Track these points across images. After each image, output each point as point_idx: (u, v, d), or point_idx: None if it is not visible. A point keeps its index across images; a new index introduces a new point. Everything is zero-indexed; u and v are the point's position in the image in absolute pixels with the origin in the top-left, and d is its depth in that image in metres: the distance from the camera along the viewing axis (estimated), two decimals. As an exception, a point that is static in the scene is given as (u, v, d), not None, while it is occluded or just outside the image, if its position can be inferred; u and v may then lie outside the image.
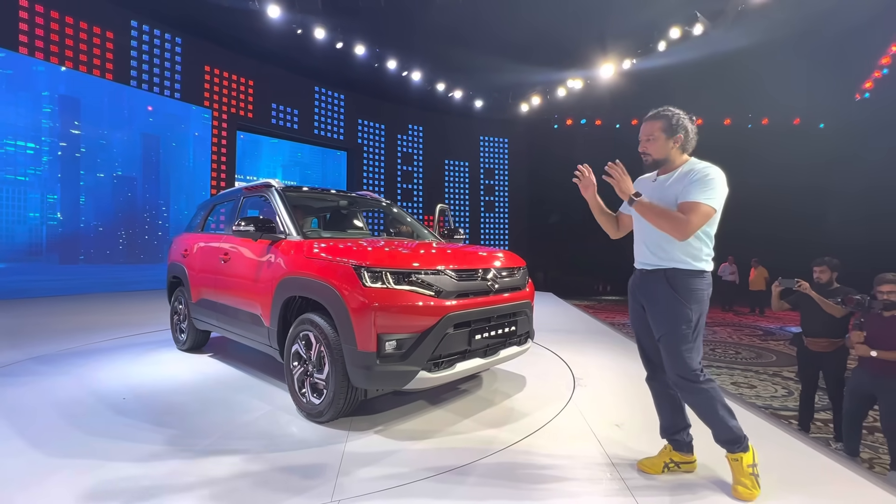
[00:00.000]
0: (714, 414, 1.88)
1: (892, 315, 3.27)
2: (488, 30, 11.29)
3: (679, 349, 1.88)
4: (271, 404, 2.92)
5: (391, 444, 2.35)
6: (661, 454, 2.12)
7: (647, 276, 2.00)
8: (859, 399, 3.46)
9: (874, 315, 3.37)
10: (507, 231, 17.20)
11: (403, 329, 2.39)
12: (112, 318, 6.21)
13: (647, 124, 2.04)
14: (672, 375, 1.93)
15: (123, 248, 9.31)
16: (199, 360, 4.04)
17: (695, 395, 1.89)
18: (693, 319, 1.88)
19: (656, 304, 1.95)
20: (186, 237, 4.44)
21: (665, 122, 1.99)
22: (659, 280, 1.94)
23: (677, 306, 1.88)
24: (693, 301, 1.88)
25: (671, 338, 1.89)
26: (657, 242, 1.96)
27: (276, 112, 12.20)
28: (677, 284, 1.90)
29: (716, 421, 1.89)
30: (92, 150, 8.93)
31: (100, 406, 2.83)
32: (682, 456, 2.09)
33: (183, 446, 2.28)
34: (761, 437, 2.41)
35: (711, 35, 9.76)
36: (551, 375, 3.70)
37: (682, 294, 1.88)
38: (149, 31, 9.75)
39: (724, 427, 1.88)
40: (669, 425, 2.11)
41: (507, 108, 15.40)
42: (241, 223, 3.09)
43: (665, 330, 1.91)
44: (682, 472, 2.07)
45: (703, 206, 1.82)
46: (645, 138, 2.03)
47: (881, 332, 3.28)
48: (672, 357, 1.90)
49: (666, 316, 1.91)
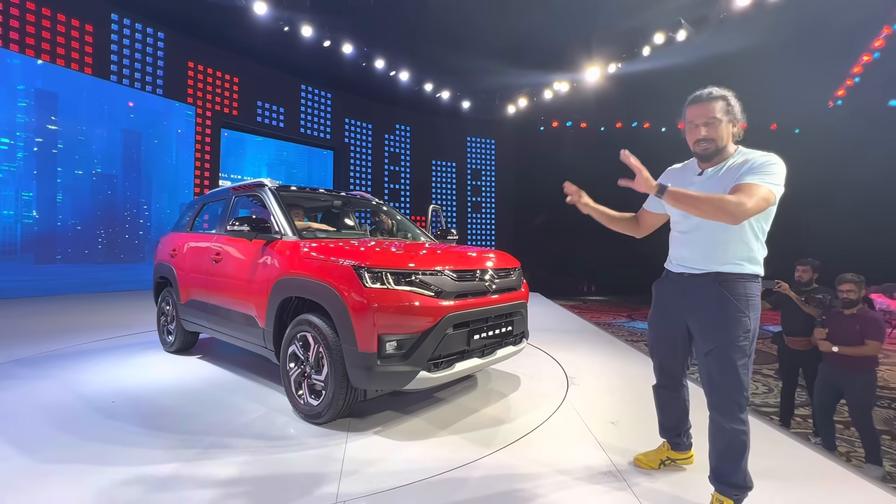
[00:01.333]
0: (741, 454, 1.68)
1: (852, 313, 3.46)
2: (476, 31, 11.34)
3: (735, 364, 1.65)
4: (266, 406, 2.89)
5: (392, 445, 2.35)
6: (658, 451, 2.14)
7: (694, 280, 1.77)
8: (827, 394, 3.64)
9: (836, 313, 3.58)
10: (494, 232, 17.30)
11: (404, 329, 2.39)
12: (94, 319, 6.04)
13: (704, 106, 1.74)
14: (717, 398, 1.69)
15: (103, 248, 9.05)
16: (188, 361, 3.96)
17: (736, 424, 1.66)
18: (752, 329, 1.67)
19: (709, 313, 1.71)
20: (174, 237, 4.35)
21: (724, 103, 1.73)
22: (710, 285, 1.71)
23: (736, 314, 1.65)
24: (751, 309, 1.67)
25: (726, 351, 1.65)
26: (715, 241, 1.71)
27: (261, 110, 12.02)
28: (734, 290, 1.68)
29: (737, 462, 1.69)
30: (70, 146, 8.66)
31: (88, 410, 2.76)
32: (679, 454, 2.11)
33: (180, 449, 2.24)
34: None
35: (695, 41, 10.00)
36: (545, 375, 3.75)
37: (740, 301, 1.66)
38: (130, 25, 9.49)
39: (742, 473, 1.69)
40: (672, 427, 2.08)
41: (495, 110, 15.50)
42: (236, 223, 3.05)
43: (719, 341, 1.67)
44: (682, 468, 2.11)
45: (762, 188, 1.56)
46: (702, 121, 1.73)
47: (842, 329, 3.48)
48: (725, 375, 1.66)
49: (721, 325, 1.67)
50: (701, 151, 1.78)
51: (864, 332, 3.37)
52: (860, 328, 3.39)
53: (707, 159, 1.79)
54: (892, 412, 4.97)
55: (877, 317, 3.42)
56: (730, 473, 1.70)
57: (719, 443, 1.72)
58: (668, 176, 1.98)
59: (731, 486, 1.70)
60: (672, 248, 1.92)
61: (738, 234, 1.70)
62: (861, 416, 3.42)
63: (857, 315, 3.46)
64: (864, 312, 3.46)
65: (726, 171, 1.72)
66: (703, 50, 10.68)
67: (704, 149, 1.76)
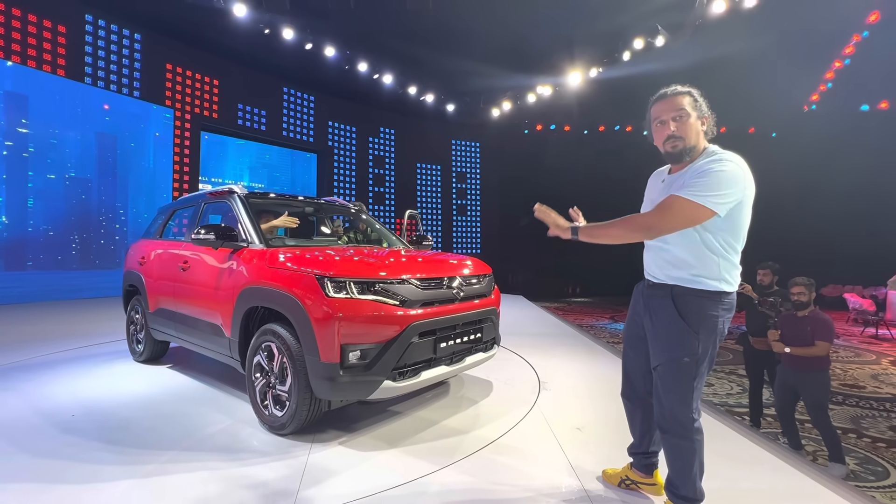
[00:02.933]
0: (689, 468, 1.65)
1: (805, 315, 3.59)
2: (459, 35, 11.38)
3: (677, 384, 1.60)
4: (232, 417, 2.85)
5: (355, 455, 2.33)
6: (623, 468, 2.06)
7: (654, 289, 1.71)
8: (786, 394, 3.75)
9: (790, 315, 3.72)
10: (479, 234, 17.35)
11: (367, 339, 2.38)
12: (63, 327, 5.89)
13: (670, 101, 1.64)
14: (661, 413, 1.67)
15: (77, 254, 8.84)
16: (157, 371, 3.89)
17: (680, 440, 1.64)
18: (698, 351, 1.57)
19: (657, 326, 1.66)
20: (144, 244, 4.27)
21: (691, 98, 1.65)
22: (664, 297, 1.64)
23: (682, 332, 1.58)
24: (703, 328, 1.57)
25: (669, 369, 1.61)
26: (670, 252, 1.64)
27: (242, 113, 11.89)
28: (684, 306, 1.59)
29: (686, 476, 1.66)
30: (42, 149, 8.45)
31: (46, 424, 2.68)
32: (639, 476, 1.98)
33: (135, 465, 2.19)
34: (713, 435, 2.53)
35: (672, 47, 10.18)
36: (518, 380, 3.76)
37: (690, 318, 1.57)
38: (105, 27, 9.31)
39: (691, 486, 1.67)
40: (635, 443, 2.00)
41: (479, 113, 15.56)
42: (202, 231, 3.00)
43: (663, 358, 1.63)
44: (639, 493, 1.98)
45: (682, 203, 1.50)
46: (670, 117, 1.62)
47: (795, 331, 3.61)
48: (669, 393, 1.62)
49: (667, 342, 1.62)
50: (671, 149, 1.65)
51: (814, 333, 3.48)
52: (811, 329, 3.50)
53: (678, 159, 1.66)
54: (859, 410, 5.10)
55: (827, 319, 3.55)
56: (678, 486, 1.69)
57: (668, 456, 1.72)
58: (648, 183, 1.91)
59: (680, 499, 1.69)
60: (644, 254, 1.83)
61: (694, 247, 1.58)
62: (818, 415, 3.52)
63: (808, 317, 3.58)
64: (815, 314, 3.58)
65: (691, 174, 1.58)
66: (682, 56, 10.88)
67: (674, 146, 1.63)
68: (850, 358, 7.49)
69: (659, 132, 1.68)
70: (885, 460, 3.86)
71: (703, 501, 1.69)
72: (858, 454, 4.00)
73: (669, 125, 1.63)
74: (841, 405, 5.25)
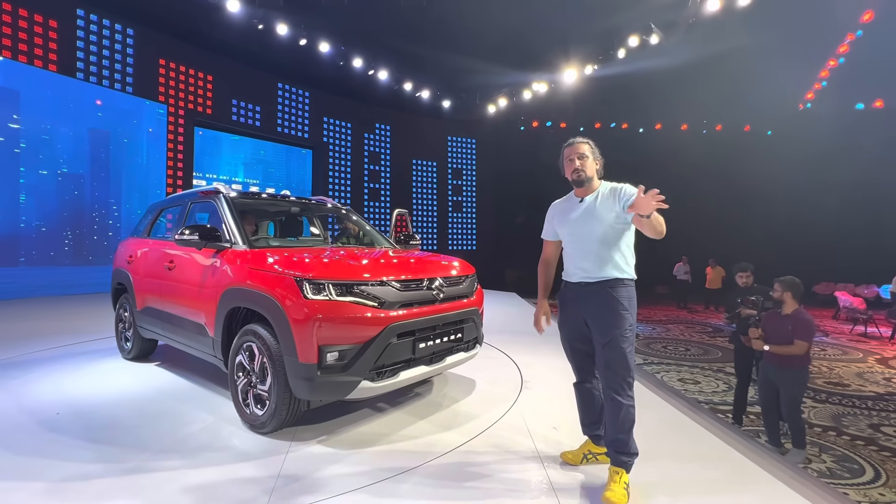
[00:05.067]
0: (631, 427, 2.05)
1: (786, 314, 3.69)
2: (454, 30, 11.36)
3: (625, 351, 2.05)
4: (216, 415, 2.89)
5: (332, 454, 2.38)
6: (581, 447, 2.36)
7: (589, 288, 2.15)
8: (767, 391, 3.85)
9: (774, 313, 3.82)
10: (475, 231, 17.39)
11: (345, 340, 2.42)
12: (54, 324, 5.93)
13: (576, 146, 2.23)
14: (612, 380, 2.06)
15: (70, 250, 8.84)
16: (145, 369, 3.93)
17: (625, 400, 2.03)
18: (633, 322, 2.12)
19: (603, 313, 2.09)
20: (131, 242, 4.29)
21: (589, 145, 2.24)
22: (602, 290, 2.10)
23: (623, 312, 2.07)
24: (632, 307, 2.12)
25: (619, 341, 2.05)
26: (602, 255, 2.11)
27: (237, 108, 11.87)
28: (621, 293, 2.09)
29: (629, 434, 2.05)
30: (33, 145, 8.43)
31: (30, 423, 2.72)
32: (598, 448, 2.31)
33: (115, 463, 2.24)
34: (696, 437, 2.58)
35: (666, 45, 10.18)
36: (501, 378, 3.81)
37: (625, 301, 2.09)
38: (97, 21, 9.27)
39: (629, 442, 2.05)
40: (592, 423, 2.31)
41: (475, 109, 15.55)
42: (186, 231, 3.03)
43: (613, 335, 2.06)
44: (601, 463, 2.27)
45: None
46: (577, 157, 2.21)
47: (776, 329, 3.70)
48: (619, 360, 2.05)
49: (614, 322, 2.06)
50: (576, 178, 2.21)
51: (794, 332, 3.56)
52: (792, 328, 3.59)
53: (580, 184, 2.22)
54: (841, 408, 5.16)
55: (808, 318, 3.62)
56: (624, 443, 2.04)
57: (616, 418, 2.04)
58: (555, 209, 2.38)
59: (626, 455, 2.04)
60: (569, 264, 2.26)
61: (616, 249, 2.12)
62: (790, 408, 3.67)
63: (790, 316, 3.66)
64: (797, 314, 3.65)
65: (604, 198, 2.15)
66: (677, 53, 10.89)
67: (578, 175, 2.19)
68: (837, 356, 7.57)
69: (568, 167, 2.24)
70: (862, 458, 3.93)
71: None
72: (836, 452, 4.06)
73: (575, 161, 2.20)
74: (823, 403, 5.31)
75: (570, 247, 2.25)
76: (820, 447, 4.13)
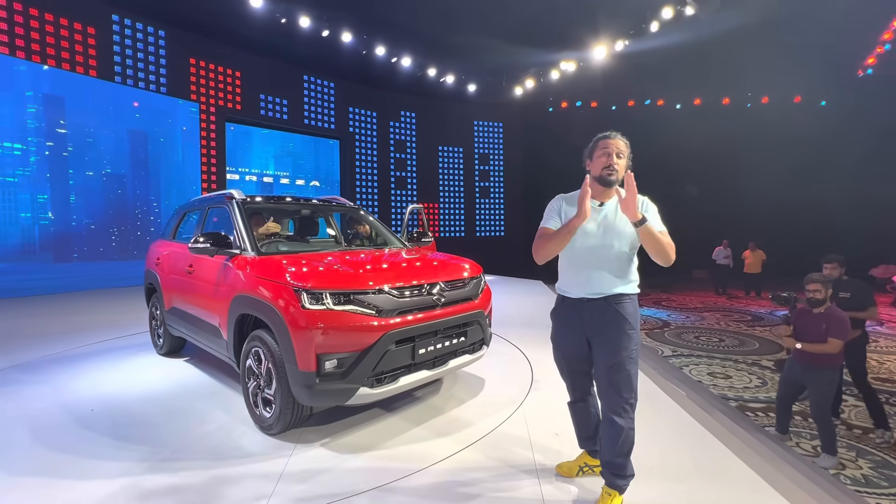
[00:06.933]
0: (628, 449, 1.95)
1: (819, 311, 3.56)
2: (478, 12, 11.04)
3: (630, 374, 1.93)
4: (231, 414, 3.04)
5: (334, 458, 2.46)
6: (578, 458, 2.33)
7: (593, 304, 1.97)
8: (790, 386, 3.80)
9: (803, 311, 3.70)
10: (503, 216, 17.17)
11: (343, 348, 2.47)
12: (101, 317, 6.39)
13: (615, 140, 1.97)
14: (614, 401, 1.93)
15: (116, 245, 9.49)
16: (175, 364, 4.18)
17: (625, 423, 1.91)
18: (639, 340, 2.00)
19: (609, 333, 1.94)
20: (159, 245, 4.54)
21: (627, 144, 1.99)
22: (608, 307, 1.95)
23: (630, 332, 1.93)
24: (637, 323, 1.99)
25: (625, 363, 1.92)
26: (613, 271, 1.95)
27: (265, 103, 12.14)
28: (628, 310, 1.95)
29: (624, 456, 1.95)
30: (79, 148, 9.04)
31: (67, 419, 2.97)
32: (595, 461, 2.27)
33: (135, 462, 2.41)
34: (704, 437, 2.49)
35: (703, 16, 9.48)
36: (511, 377, 3.79)
37: (632, 319, 1.95)
38: (131, 25, 9.66)
39: (626, 465, 1.96)
40: (589, 437, 2.26)
41: (501, 92, 15.17)
42: (199, 239, 3.16)
43: (620, 357, 1.91)
44: (597, 476, 2.21)
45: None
46: (615, 153, 1.95)
47: (806, 327, 3.61)
48: (624, 383, 1.91)
49: (622, 343, 1.92)
50: (605, 175, 1.97)
51: (828, 331, 3.46)
52: (826, 326, 3.48)
53: (608, 185, 1.99)
54: (888, 408, 4.80)
55: (843, 316, 3.50)
56: (622, 466, 1.95)
57: (616, 441, 1.93)
58: (564, 205, 2.08)
59: (621, 479, 1.96)
60: (574, 277, 2.04)
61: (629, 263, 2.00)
62: (819, 409, 3.55)
63: (824, 314, 3.55)
64: (831, 311, 3.55)
65: (618, 209, 1.96)
66: (715, 25, 10.13)
67: (609, 173, 1.96)
68: (890, 348, 7.01)
69: (599, 161, 1.99)
70: (904, 465, 3.66)
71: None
72: (875, 457, 3.81)
73: (611, 156, 1.96)
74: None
75: (580, 259, 2.01)
76: (858, 451, 3.88)
